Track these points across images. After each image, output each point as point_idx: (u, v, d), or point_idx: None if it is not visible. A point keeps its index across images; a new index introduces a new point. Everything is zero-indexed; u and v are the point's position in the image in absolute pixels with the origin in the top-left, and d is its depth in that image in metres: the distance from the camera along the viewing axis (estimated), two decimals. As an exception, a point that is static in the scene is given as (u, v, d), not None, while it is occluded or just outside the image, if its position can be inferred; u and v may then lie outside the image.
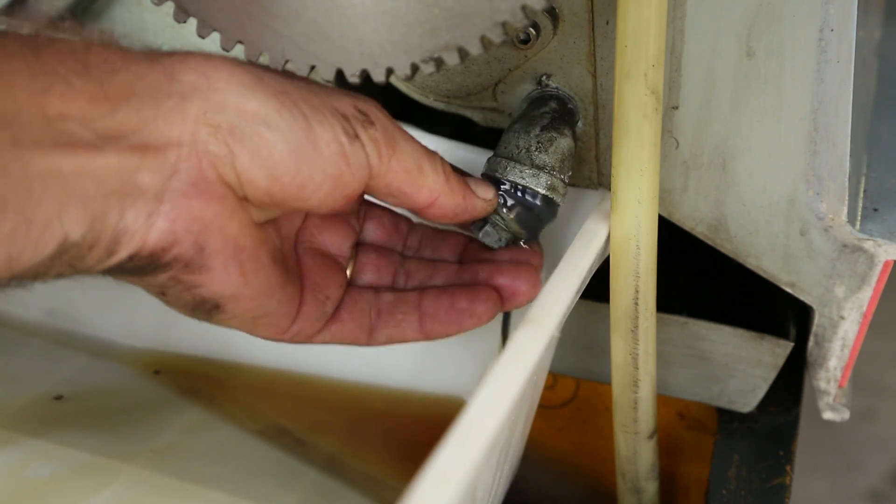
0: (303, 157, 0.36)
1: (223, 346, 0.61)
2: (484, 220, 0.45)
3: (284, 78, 0.37)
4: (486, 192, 0.43)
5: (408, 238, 0.47)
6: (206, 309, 0.38)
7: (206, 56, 0.36)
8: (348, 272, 0.45)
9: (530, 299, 0.44)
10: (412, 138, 0.40)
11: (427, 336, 0.44)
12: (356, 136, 0.37)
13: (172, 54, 0.35)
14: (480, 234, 0.45)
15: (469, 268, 0.45)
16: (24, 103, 0.31)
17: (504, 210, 0.44)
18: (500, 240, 0.45)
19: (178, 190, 0.34)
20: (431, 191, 0.40)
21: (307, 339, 0.43)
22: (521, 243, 0.46)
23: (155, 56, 0.35)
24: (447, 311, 0.43)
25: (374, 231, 0.46)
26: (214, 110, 0.34)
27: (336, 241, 0.44)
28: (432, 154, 0.41)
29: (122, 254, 0.34)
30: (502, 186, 0.44)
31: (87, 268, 0.34)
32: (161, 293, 0.37)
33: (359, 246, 0.46)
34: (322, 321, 0.42)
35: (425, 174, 0.40)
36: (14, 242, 0.31)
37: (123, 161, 0.33)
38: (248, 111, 0.35)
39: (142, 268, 0.35)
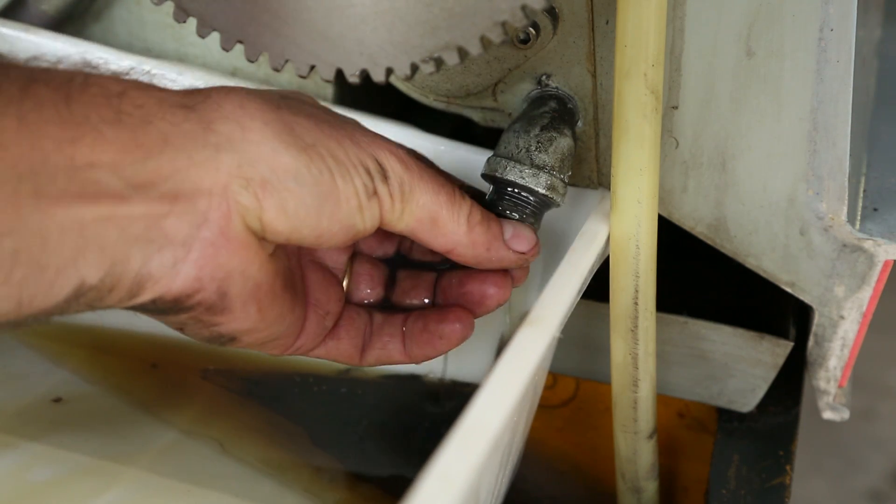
0: (324, 211, 0.37)
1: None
2: None
3: (314, 125, 0.37)
4: (521, 245, 0.43)
5: (403, 240, 0.47)
6: (223, 341, 0.39)
7: (242, 101, 0.36)
8: (345, 285, 0.45)
9: (500, 302, 0.44)
10: (435, 186, 0.40)
11: (411, 358, 0.44)
12: (374, 192, 0.38)
13: (209, 96, 0.36)
14: None
15: (449, 275, 0.46)
16: (52, 153, 0.31)
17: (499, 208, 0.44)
18: None
19: (206, 239, 0.34)
20: (447, 241, 0.41)
21: (306, 353, 0.43)
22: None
23: (190, 100, 0.35)
24: (421, 334, 0.44)
25: (365, 241, 0.47)
26: (248, 163, 0.35)
27: (334, 255, 0.45)
28: (457, 203, 0.41)
29: (144, 297, 0.34)
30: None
31: (107, 306, 0.34)
32: (180, 328, 0.38)
33: (353, 256, 0.46)
34: (322, 336, 0.43)
35: (440, 225, 0.40)
36: (26, 288, 0.31)
37: (151, 209, 0.33)
38: (279, 166, 0.35)
39: (164, 310, 0.36)
